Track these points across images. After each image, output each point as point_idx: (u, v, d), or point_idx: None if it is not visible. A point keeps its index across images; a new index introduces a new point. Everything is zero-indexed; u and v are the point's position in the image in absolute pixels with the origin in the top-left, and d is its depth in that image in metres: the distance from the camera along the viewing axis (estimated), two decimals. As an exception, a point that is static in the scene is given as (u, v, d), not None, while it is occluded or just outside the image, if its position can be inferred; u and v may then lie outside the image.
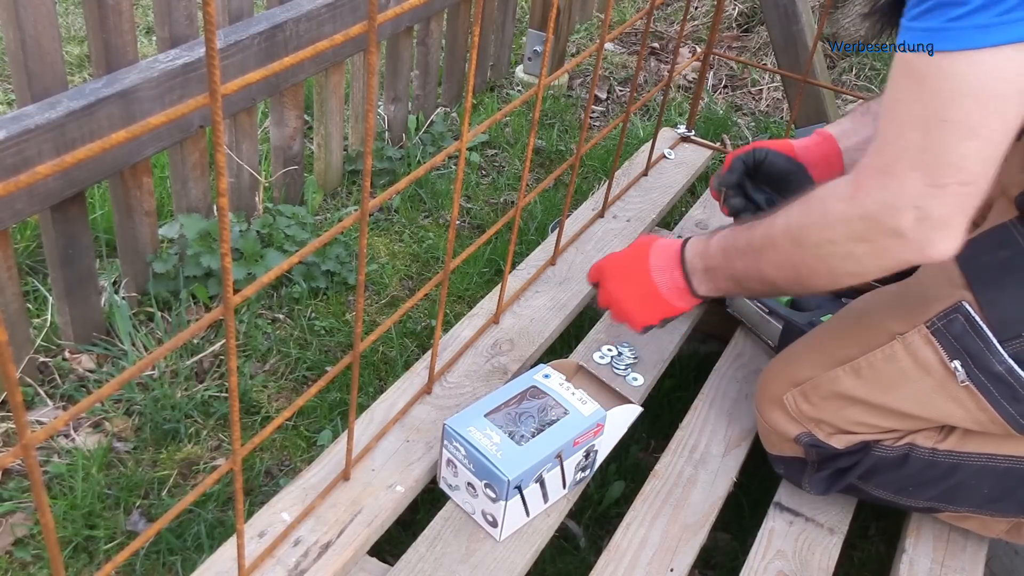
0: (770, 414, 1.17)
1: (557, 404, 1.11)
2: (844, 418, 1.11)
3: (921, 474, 1.10)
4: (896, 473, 1.11)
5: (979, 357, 1.01)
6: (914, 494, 1.13)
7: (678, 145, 1.86)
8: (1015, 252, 1.01)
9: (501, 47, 2.57)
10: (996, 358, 1.00)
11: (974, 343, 1.01)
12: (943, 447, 1.09)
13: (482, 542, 1.07)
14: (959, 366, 1.02)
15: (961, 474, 1.09)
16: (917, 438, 1.10)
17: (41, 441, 0.54)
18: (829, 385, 1.11)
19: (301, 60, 0.60)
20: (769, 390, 1.18)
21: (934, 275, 1.07)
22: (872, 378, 1.07)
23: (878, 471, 1.12)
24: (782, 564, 1.12)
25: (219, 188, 0.60)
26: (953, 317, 1.02)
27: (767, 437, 1.20)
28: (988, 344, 1.00)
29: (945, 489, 1.10)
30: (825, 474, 1.15)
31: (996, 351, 1.00)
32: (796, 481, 1.19)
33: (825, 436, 1.12)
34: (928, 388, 1.05)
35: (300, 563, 0.99)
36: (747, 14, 3.04)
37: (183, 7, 1.52)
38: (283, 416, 0.84)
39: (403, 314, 1.04)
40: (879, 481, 1.13)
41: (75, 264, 1.49)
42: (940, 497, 1.12)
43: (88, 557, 1.29)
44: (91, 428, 1.47)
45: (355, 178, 2.13)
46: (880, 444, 1.11)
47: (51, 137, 1.29)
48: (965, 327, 1.01)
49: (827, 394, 1.11)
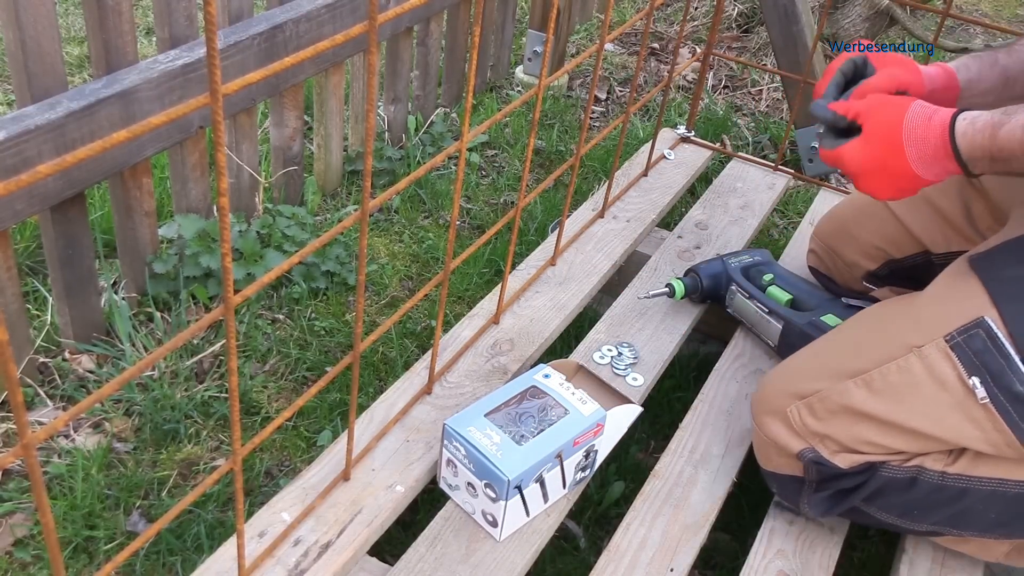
0: (770, 427, 1.11)
1: (557, 404, 1.11)
2: (852, 436, 1.05)
3: (928, 498, 1.06)
4: (902, 496, 1.07)
5: (1000, 375, 0.97)
6: (919, 518, 1.08)
7: (678, 145, 1.86)
8: None
9: (501, 47, 2.57)
10: (1018, 377, 0.96)
11: (995, 360, 0.97)
12: (953, 471, 1.04)
13: (482, 542, 1.07)
14: (978, 383, 0.97)
15: (970, 499, 1.05)
16: (926, 461, 1.05)
17: (41, 441, 0.54)
18: (838, 398, 1.05)
19: (301, 60, 0.61)
20: (770, 401, 1.12)
21: (953, 286, 1.04)
22: (885, 392, 1.03)
23: (884, 493, 1.07)
24: (782, 564, 1.12)
25: (219, 188, 0.60)
26: (974, 332, 0.98)
27: (763, 452, 1.15)
28: (1010, 362, 0.96)
29: (952, 514, 1.06)
30: (825, 495, 1.10)
31: (1018, 370, 0.96)
32: (793, 501, 1.14)
33: (829, 454, 1.07)
34: (944, 405, 1.00)
35: (300, 563, 0.99)
36: (747, 14, 3.04)
37: (183, 8, 1.52)
38: (283, 416, 0.84)
39: (403, 314, 1.04)
40: (883, 504, 1.08)
41: (75, 264, 1.49)
42: (945, 521, 1.08)
43: (88, 557, 1.29)
44: (91, 428, 1.47)
45: (355, 178, 2.13)
46: (888, 464, 1.06)
47: (51, 138, 1.29)
48: (986, 343, 0.97)
49: (835, 408, 1.06)
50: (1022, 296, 0.97)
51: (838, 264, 1.43)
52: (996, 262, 1.01)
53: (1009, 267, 0.99)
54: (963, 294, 1.01)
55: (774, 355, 1.38)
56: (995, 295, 0.98)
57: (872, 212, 1.39)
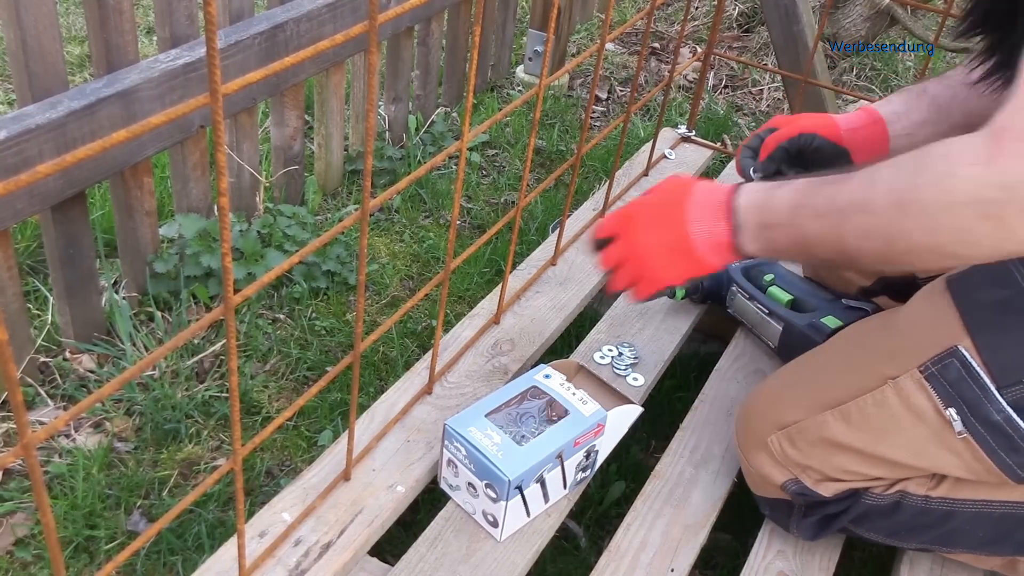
0: (755, 457, 1.11)
1: (558, 404, 1.11)
2: (832, 465, 1.04)
3: (914, 520, 1.05)
4: (888, 520, 1.06)
5: (976, 406, 0.94)
6: (906, 538, 1.08)
7: (678, 145, 1.86)
8: (1015, 292, 0.93)
9: (502, 47, 2.57)
10: (994, 406, 0.93)
11: (970, 390, 0.93)
12: (936, 494, 1.03)
13: (483, 542, 1.07)
14: (955, 414, 0.95)
15: (956, 521, 1.04)
16: (909, 485, 1.04)
17: (42, 441, 0.54)
18: (817, 431, 1.04)
19: (302, 60, 0.60)
20: (752, 431, 1.11)
21: (928, 311, 1.00)
22: (862, 425, 1.01)
23: (868, 518, 1.07)
24: (783, 564, 1.12)
25: (220, 188, 0.60)
26: (948, 362, 0.94)
27: (751, 478, 1.14)
28: (986, 391, 0.93)
29: (939, 534, 1.05)
30: (813, 520, 1.10)
31: (994, 399, 0.93)
32: (784, 525, 1.13)
33: (812, 483, 1.06)
34: (921, 437, 0.98)
35: (300, 563, 0.99)
36: (747, 14, 3.04)
37: (184, 7, 1.52)
38: (284, 416, 0.84)
39: (404, 314, 1.04)
40: (870, 527, 1.08)
41: (76, 264, 1.49)
42: (934, 541, 1.07)
43: (88, 557, 1.29)
44: (92, 428, 1.47)
45: (355, 178, 2.13)
46: (870, 492, 1.05)
47: (52, 137, 1.29)
48: (961, 373, 0.93)
49: (814, 440, 1.04)
50: (995, 322, 0.94)
51: (831, 279, 1.42)
52: (971, 283, 0.97)
53: (983, 289, 0.95)
54: (937, 321, 0.97)
55: (774, 356, 1.38)
56: (969, 322, 0.94)
57: None
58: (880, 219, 0.82)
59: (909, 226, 0.80)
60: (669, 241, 0.97)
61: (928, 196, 0.78)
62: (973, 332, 0.94)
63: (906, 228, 0.80)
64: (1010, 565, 1.10)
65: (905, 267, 0.87)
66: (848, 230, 0.85)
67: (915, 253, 0.81)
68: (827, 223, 0.86)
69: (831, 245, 0.87)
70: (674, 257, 0.97)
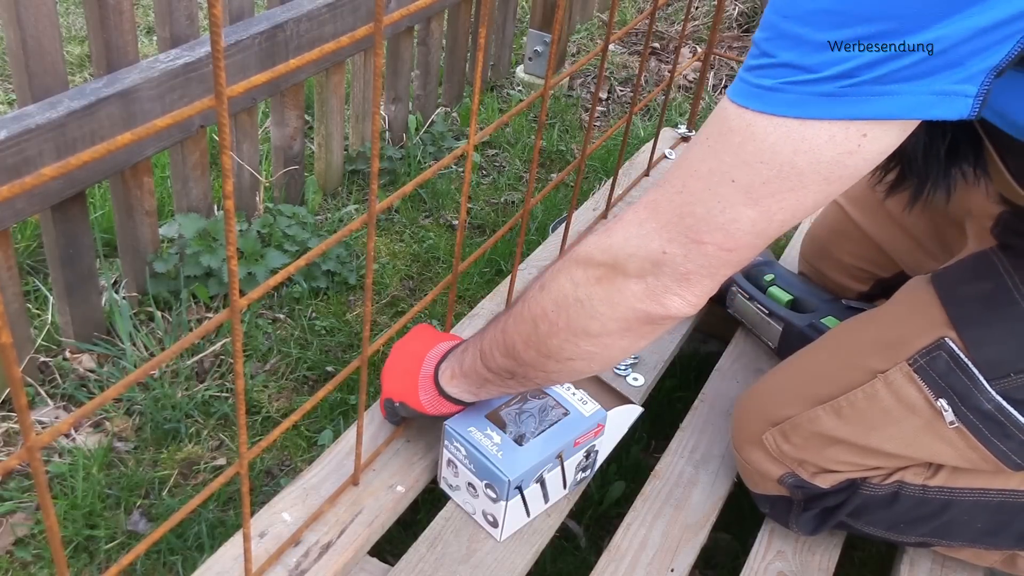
0: (750, 454, 1.12)
1: (558, 404, 1.11)
2: (827, 458, 1.06)
3: (912, 511, 1.06)
4: (886, 511, 1.07)
5: (966, 395, 0.95)
6: (906, 531, 1.09)
7: (679, 145, 1.86)
8: (997, 285, 0.95)
9: (502, 47, 2.57)
10: (984, 396, 0.95)
11: (960, 381, 0.95)
12: (933, 483, 1.05)
13: (483, 542, 1.07)
14: (946, 405, 0.96)
15: (954, 510, 1.05)
16: (906, 475, 1.05)
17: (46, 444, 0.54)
18: (809, 425, 1.05)
19: (306, 62, 0.60)
20: (747, 429, 1.13)
21: (912, 306, 1.02)
22: (854, 418, 1.02)
23: (867, 509, 1.08)
24: (782, 564, 1.13)
25: (224, 191, 0.60)
26: (936, 354, 0.96)
27: (748, 476, 1.15)
28: (975, 382, 0.95)
29: (938, 525, 1.06)
30: (812, 513, 1.10)
31: (984, 389, 0.94)
32: (783, 521, 1.14)
33: (809, 476, 1.08)
34: (914, 428, 1.00)
35: (301, 563, 0.99)
36: (747, 14, 3.05)
37: (184, 7, 1.52)
38: (290, 420, 0.84)
39: (410, 319, 1.05)
40: (869, 519, 1.09)
41: (76, 264, 1.49)
42: (933, 532, 1.08)
43: (89, 557, 1.29)
44: (92, 428, 1.47)
45: (355, 178, 2.13)
46: (868, 482, 1.06)
47: (52, 137, 1.29)
48: (950, 364, 0.95)
49: (808, 434, 1.06)
50: (980, 318, 0.95)
51: (829, 284, 1.43)
52: (953, 277, 0.98)
53: (965, 282, 0.97)
54: (922, 313, 0.99)
55: (774, 356, 1.39)
56: (954, 316, 0.96)
57: (845, 233, 1.37)
58: (528, 309, 0.91)
59: (543, 303, 0.89)
60: (412, 404, 1.07)
61: (551, 274, 0.89)
62: (959, 327, 0.96)
63: (541, 306, 0.89)
64: (1010, 561, 1.11)
65: (564, 369, 0.93)
66: (511, 336, 0.94)
67: (554, 336, 0.89)
68: (505, 362, 0.96)
69: (523, 369, 0.95)
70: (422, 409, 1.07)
